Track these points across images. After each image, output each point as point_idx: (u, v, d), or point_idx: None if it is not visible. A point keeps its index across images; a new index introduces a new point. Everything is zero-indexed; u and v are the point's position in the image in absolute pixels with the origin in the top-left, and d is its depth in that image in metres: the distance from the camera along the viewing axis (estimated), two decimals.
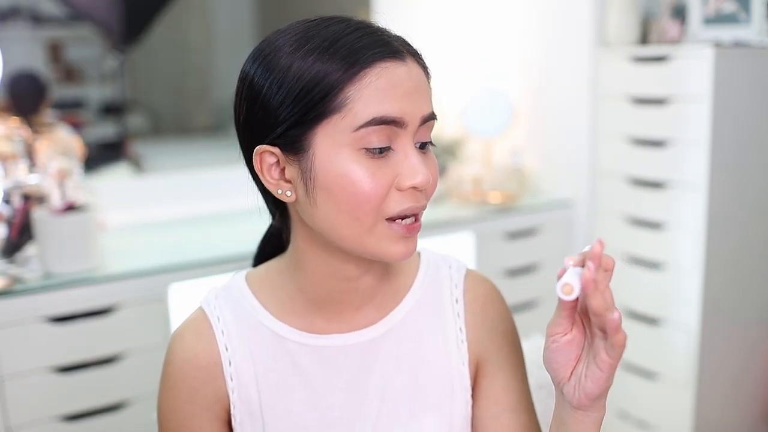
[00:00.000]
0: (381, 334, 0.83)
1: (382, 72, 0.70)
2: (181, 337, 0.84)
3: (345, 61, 0.70)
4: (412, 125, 0.73)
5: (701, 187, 2.02)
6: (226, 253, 1.88)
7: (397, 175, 0.72)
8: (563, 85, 2.43)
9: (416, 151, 0.73)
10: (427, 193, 0.75)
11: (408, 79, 0.72)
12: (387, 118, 0.70)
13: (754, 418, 2.28)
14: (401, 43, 0.75)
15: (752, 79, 2.05)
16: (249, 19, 4.33)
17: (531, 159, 2.59)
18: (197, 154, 3.54)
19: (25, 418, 1.65)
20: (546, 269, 2.42)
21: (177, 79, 4.24)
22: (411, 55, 0.75)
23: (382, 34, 0.74)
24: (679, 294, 2.13)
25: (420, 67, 0.75)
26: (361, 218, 0.72)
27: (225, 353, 0.82)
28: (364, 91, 0.70)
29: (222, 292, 0.86)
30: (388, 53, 0.71)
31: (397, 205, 0.72)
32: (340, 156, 0.70)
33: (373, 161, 0.71)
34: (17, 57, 3.26)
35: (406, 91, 0.72)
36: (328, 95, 0.69)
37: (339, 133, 0.70)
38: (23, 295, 1.63)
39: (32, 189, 1.84)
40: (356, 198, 0.71)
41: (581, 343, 0.69)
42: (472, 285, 0.89)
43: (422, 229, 0.78)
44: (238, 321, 0.83)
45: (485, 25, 2.67)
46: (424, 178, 0.72)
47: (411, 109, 0.72)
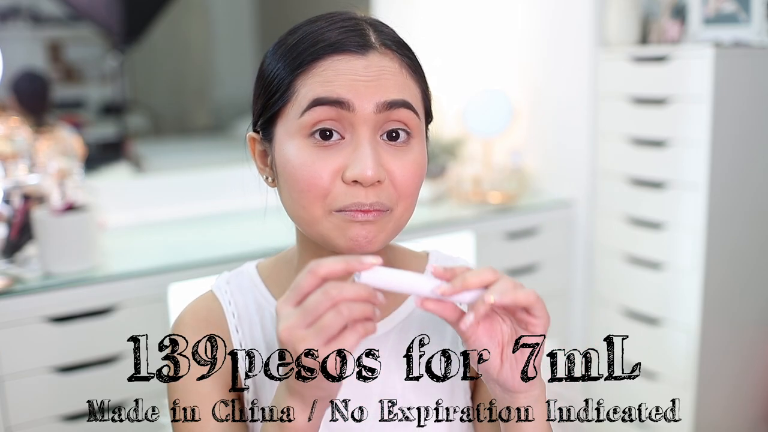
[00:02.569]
0: (383, 333, 0.83)
1: (331, 64, 0.71)
2: (193, 311, 0.84)
3: (301, 58, 0.72)
4: (363, 110, 0.70)
5: (701, 187, 2.02)
6: (226, 253, 1.88)
7: (345, 167, 0.70)
8: (563, 85, 2.43)
9: (371, 143, 0.70)
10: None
11: (362, 69, 0.71)
12: (328, 98, 0.69)
13: (754, 418, 2.28)
14: (374, 38, 0.73)
15: (752, 79, 2.06)
16: (249, 19, 4.33)
17: (531, 159, 2.59)
18: (197, 154, 3.54)
19: (25, 418, 1.65)
20: (546, 269, 2.42)
21: (177, 79, 4.24)
22: (388, 49, 0.73)
23: (351, 29, 0.73)
24: (679, 294, 2.13)
25: (397, 61, 0.73)
26: (306, 207, 0.72)
27: (236, 335, 0.82)
28: (310, 80, 0.71)
29: (233, 278, 0.87)
30: (340, 48, 0.71)
31: (342, 199, 0.70)
32: (289, 144, 0.72)
33: (319, 150, 0.71)
34: (17, 57, 3.27)
35: (357, 78, 0.70)
36: (280, 88, 0.73)
37: (290, 121, 0.72)
38: (23, 295, 1.63)
39: (32, 189, 1.84)
40: (298, 185, 0.71)
41: (498, 327, 0.68)
42: None
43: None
44: (248, 306, 0.84)
45: (485, 25, 2.67)
46: (362, 172, 0.68)
47: (360, 93, 0.70)
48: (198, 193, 2.37)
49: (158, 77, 4.16)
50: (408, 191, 0.73)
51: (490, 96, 2.51)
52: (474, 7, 2.69)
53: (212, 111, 4.32)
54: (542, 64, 2.51)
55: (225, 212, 2.32)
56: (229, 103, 4.17)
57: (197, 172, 2.46)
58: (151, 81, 4.12)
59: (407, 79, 0.74)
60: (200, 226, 2.22)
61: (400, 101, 0.71)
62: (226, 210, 2.33)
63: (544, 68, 2.50)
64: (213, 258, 1.85)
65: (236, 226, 2.19)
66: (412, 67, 0.75)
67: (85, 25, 3.47)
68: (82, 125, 3.22)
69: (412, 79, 0.75)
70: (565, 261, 2.47)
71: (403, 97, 0.72)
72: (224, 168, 2.47)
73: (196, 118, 4.34)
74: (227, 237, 2.09)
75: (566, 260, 2.47)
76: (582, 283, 2.46)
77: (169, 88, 4.22)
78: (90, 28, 3.47)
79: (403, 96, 0.72)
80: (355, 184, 0.70)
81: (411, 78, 0.74)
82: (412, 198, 0.75)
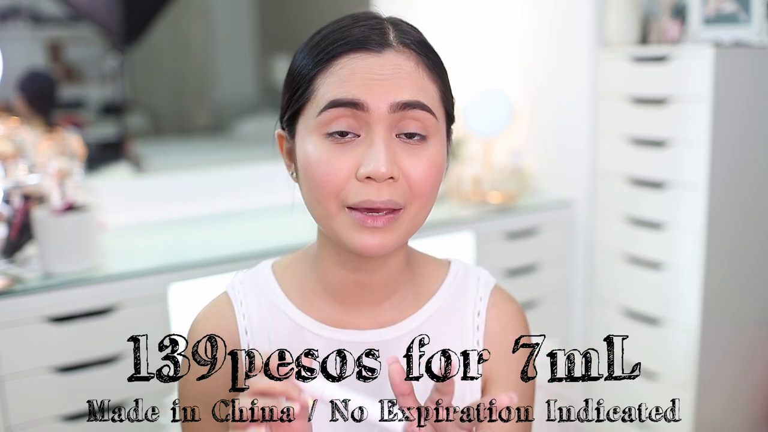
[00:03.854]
0: (397, 336, 0.82)
1: (347, 62, 0.72)
2: (203, 315, 0.87)
3: (319, 56, 0.74)
4: (377, 110, 0.71)
5: (701, 187, 2.02)
6: (226, 253, 1.88)
7: (360, 164, 0.71)
8: (563, 85, 2.43)
9: (385, 141, 0.71)
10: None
11: (377, 67, 0.72)
12: (344, 100, 0.71)
13: (754, 418, 2.28)
14: (393, 37, 0.74)
15: (752, 79, 2.05)
16: (249, 19, 4.33)
17: (531, 159, 2.59)
18: (197, 154, 3.54)
19: (25, 418, 1.65)
20: (546, 269, 2.42)
21: (177, 79, 4.23)
22: (406, 47, 0.74)
23: (372, 28, 0.74)
24: (679, 294, 2.13)
25: (413, 60, 0.74)
26: (322, 202, 0.73)
27: (245, 336, 0.84)
28: (328, 79, 0.73)
29: (248, 277, 0.88)
30: (357, 45, 0.73)
31: (355, 195, 0.72)
32: (307, 140, 0.74)
33: (335, 147, 0.72)
34: (17, 57, 3.26)
35: (372, 77, 0.72)
36: (301, 87, 0.76)
37: (309, 119, 0.74)
38: (23, 295, 1.63)
39: (32, 189, 1.84)
40: (314, 181, 0.73)
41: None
42: (498, 302, 0.88)
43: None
44: (259, 306, 0.85)
45: (485, 25, 2.67)
46: (375, 169, 0.70)
47: (375, 93, 0.71)
48: (198, 193, 2.37)
49: (158, 77, 4.15)
50: (422, 189, 0.74)
51: (490, 96, 2.51)
52: (474, 7, 2.69)
53: (212, 111, 4.31)
54: (542, 64, 2.51)
55: (225, 212, 2.32)
56: (229, 103, 4.16)
57: (197, 172, 2.46)
58: (151, 81, 4.11)
59: (424, 79, 0.74)
60: (200, 226, 2.22)
61: (414, 102, 0.72)
62: (226, 210, 2.33)
63: (544, 68, 2.50)
64: (213, 258, 1.85)
65: (236, 226, 2.19)
66: (430, 66, 0.76)
67: (85, 25, 3.47)
68: (82, 125, 3.22)
69: (429, 79, 0.75)
70: (565, 261, 2.47)
71: (418, 98, 0.73)
72: (224, 168, 2.47)
73: (196, 118, 4.33)
74: (227, 237, 2.09)
75: (566, 260, 2.47)
76: (582, 283, 2.46)
77: (169, 88, 4.22)
78: (90, 28, 3.47)
79: (417, 97, 0.73)
80: (369, 181, 0.71)
81: (428, 78, 0.75)
82: (427, 197, 0.75)
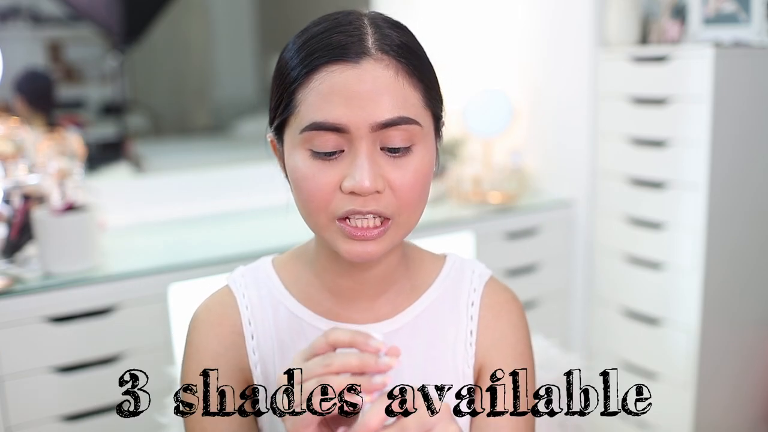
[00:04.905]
0: (394, 330, 0.84)
1: (326, 76, 0.71)
2: (206, 306, 0.87)
3: (299, 67, 0.73)
4: (358, 131, 0.70)
5: (701, 187, 2.02)
6: (226, 253, 1.88)
7: (344, 177, 0.72)
8: (563, 85, 2.43)
9: (368, 156, 0.71)
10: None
11: (356, 83, 0.70)
12: (325, 124, 0.71)
13: (754, 418, 2.28)
14: (372, 42, 0.72)
15: (752, 79, 2.05)
16: (249, 19, 4.33)
17: (531, 159, 2.59)
18: (197, 154, 3.54)
19: (25, 418, 1.65)
20: (546, 269, 2.42)
21: (177, 79, 4.23)
22: (385, 54, 0.72)
23: (350, 35, 0.72)
24: (679, 294, 2.12)
25: (393, 68, 0.72)
26: (312, 214, 0.75)
27: (248, 327, 0.84)
28: (309, 95, 0.72)
29: (249, 271, 0.89)
30: (335, 57, 0.71)
31: (341, 206, 0.73)
32: (294, 154, 0.74)
33: (320, 162, 0.72)
34: (17, 57, 3.26)
35: (351, 96, 0.70)
36: (283, 99, 0.74)
37: (294, 133, 0.74)
38: (23, 295, 1.63)
39: (32, 189, 1.84)
40: (303, 195, 0.74)
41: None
42: (492, 292, 0.89)
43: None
44: (261, 299, 0.86)
45: (485, 25, 2.67)
46: (359, 183, 0.70)
47: (355, 115, 0.70)
48: (198, 193, 2.37)
49: (158, 77, 4.15)
50: (409, 200, 0.74)
51: (490, 96, 2.51)
52: (474, 8, 2.69)
53: (212, 111, 4.31)
54: (542, 64, 2.51)
55: (225, 212, 2.32)
56: (229, 103, 4.16)
57: (197, 172, 2.46)
58: (151, 81, 4.11)
59: (404, 87, 0.72)
60: (200, 226, 2.22)
61: (395, 119, 0.71)
62: (226, 210, 2.33)
63: (544, 68, 2.50)
64: (213, 258, 1.85)
65: (236, 226, 2.19)
66: (411, 72, 0.73)
67: (85, 25, 3.46)
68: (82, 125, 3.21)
69: (410, 86, 0.73)
70: (565, 261, 2.47)
71: (399, 113, 0.71)
72: (224, 168, 2.47)
73: (196, 118, 4.33)
74: (227, 237, 2.09)
75: (566, 260, 2.47)
76: (582, 283, 2.46)
77: (169, 88, 4.22)
78: (90, 28, 3.47)
79: (398, 113, 0.71)
80: (352, 194, 0.72)
81: (409, 85, 0.73)
82: (415, 205, 0.75)
